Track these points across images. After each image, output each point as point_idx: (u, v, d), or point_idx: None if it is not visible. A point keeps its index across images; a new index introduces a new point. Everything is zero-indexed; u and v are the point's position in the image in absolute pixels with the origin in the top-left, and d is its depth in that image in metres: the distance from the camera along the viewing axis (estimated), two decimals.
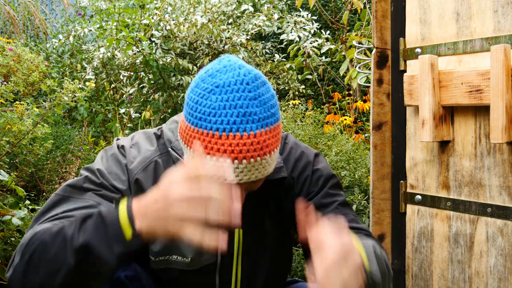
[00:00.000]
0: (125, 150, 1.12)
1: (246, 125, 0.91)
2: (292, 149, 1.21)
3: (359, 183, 2.62)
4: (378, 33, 1.55)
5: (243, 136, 0.91)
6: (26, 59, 2.62)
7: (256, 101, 0.93)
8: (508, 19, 1.28)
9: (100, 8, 3.94)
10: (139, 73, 3.55)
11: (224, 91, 0.93)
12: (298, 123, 3.04)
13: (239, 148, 0.91)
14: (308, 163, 1.20)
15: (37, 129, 2.26)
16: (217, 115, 0.92)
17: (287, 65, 4.06)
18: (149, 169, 1.10)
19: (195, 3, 3.64)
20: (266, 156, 0.95)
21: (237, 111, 0.91)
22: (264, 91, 0.96)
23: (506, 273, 1.31)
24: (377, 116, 1.57)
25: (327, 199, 1.17)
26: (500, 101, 1.23)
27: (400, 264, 1.58)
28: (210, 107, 0.93)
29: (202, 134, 0.93)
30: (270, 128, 0.95)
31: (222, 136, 0.91)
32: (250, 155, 0.92)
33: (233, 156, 0.91)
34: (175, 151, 1.09)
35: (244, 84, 0.93)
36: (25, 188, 2.63)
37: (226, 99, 0.92)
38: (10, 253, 1.99)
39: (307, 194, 1.18)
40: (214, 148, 0.92)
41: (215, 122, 0.92)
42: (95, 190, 1.05)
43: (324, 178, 1.19)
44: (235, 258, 1.15)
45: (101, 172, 1.07)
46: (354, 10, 4.39)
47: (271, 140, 0.95)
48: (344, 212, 1.16)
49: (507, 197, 1.31)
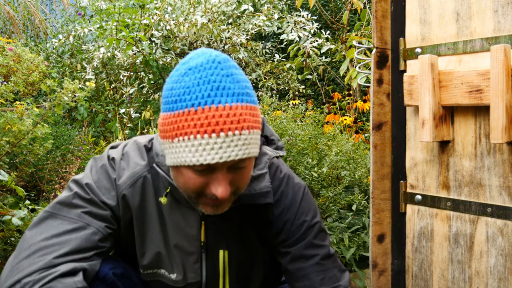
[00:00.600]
0: (115, 163, 1.10)
1: (220, 98, 0.90)
2: (282, 181, 1.15)
3: (359, 183, 2.62)
4: (378, 33, 1.55)
5: (218, 108, 0.90)
6: (26, 59, 2.62)
7: (229, 78, 0.93)
8: (508, 19, 1.28)
9: (100, 8, 3.94)
10: (139, 73, 3.55)
11: (197, 71, 0.92)
12: (298, 123, 3.04)
13: (215, 120, 0.89)
14: (294, 203, 1.14)
15: (37, 129, 2.26)
16: (191, 93, 0.91)
17: (287, 65, 4.06)
18: (137, 185, 1.08)
19: (195, 3, 3.64)
20: (245, 131, 0.92)
21: (211, 86, 0.91)
22: (237, 72, 0.95)
23: (506, 273, 1.31)
24: (377, 116, 1.57)
25: (308, 250, 1.12)
26: (500, 101, 1.23)
27: (400, 264, 1.58)
28: (184, 87, 0.92)
29: (179, 115, 0.92)
30: (247, 105, 0.93)
31: (197, 110, 0.90)
32: (227, 127, 0.90)
33: (210, 130, 0.89)
34: (160, 167, 1.06)
35: (216, 63, 0.93)
36: (25, 188, 2.63)
37: (199, 77, 0.91)
38: (10, 253, 1.99)
39: (287, 236, 1.12)
40: (190, 125, 0.90)
41: (190, 99, 0.91)
42: (83, 207, 1.03)
43: (308, 224, 1.13)
44: (221, 277, 1.14)
45: (90, 187, 1.05)
46: (354, 10, 4.38)
47: (249, 116, 0.93)
48: (324, 268, 1.11)
49: (507, 197, 1.31)
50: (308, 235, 1.13)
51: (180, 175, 0.98)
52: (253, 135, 0.95)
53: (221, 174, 0.94)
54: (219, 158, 0.91)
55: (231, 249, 1.13)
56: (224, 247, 1.13)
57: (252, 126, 0.94)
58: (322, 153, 2.81)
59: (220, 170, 0.94)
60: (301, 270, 1.11)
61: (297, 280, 1.11)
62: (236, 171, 0.97)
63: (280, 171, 1.17)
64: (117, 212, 1.07)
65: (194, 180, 0.96)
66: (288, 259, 1.12)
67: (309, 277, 1.10)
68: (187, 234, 1.11)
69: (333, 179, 2.68)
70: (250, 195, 1.08)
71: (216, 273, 1.13)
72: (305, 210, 1.14)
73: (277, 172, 1.16)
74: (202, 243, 1.11)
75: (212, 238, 1.12)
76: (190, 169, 0.95)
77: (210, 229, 1.11)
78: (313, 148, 2.84)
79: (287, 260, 1.12)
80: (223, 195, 0.94)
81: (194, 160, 0.91)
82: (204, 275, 1.13)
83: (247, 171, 1.00)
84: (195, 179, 0.95)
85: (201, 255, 1.12)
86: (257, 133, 0.97)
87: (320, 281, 1.09)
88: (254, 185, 1.09)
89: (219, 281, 1.14)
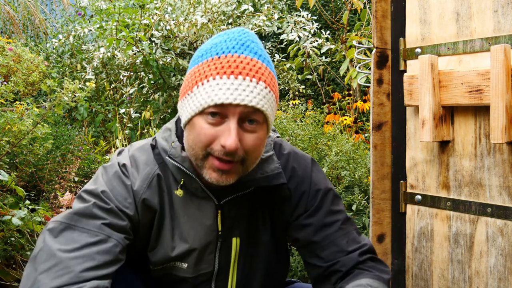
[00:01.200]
0: (127, 169, 1.08)
1: (244, 51, 0.98)
2: (289, 157, 1.18)
3: (359, 183, 2.62)
4: (378, 33, 1.55)
5: (240, 56, 0.97)
6: (26, 59, 2.62)
7: (254, 43, 1.01)
8: (508, 19, 1.28)
9: (100, 8, 3.94)
10: (139, 73, 3.55)
11: (226, 34, 1.02)
12: (298, 123, 3.04)
13: (235, 65, 0.96)
14: (306, 175, 1.17)
15: (37, 129, 2.26)
16: (218, 46, 1.00)
17: (287, 65, 4.06)
18: (153, 184, 1.08)
19: (195, 3, 3.64)
20: (262, 83, 0.97)
21: (237, 42, 0.99)
22: (262, 47, 1.04)
23: (506, 273, 1.31)
24: (377, 116, 1.57)
25: (329, 217, 1.14)
26: (500, 101, 1.23)
27: (400, 264, 1.58)
28: (211, 44, 1.01)
29: (202, 64, 0.99)
30: (266, 67, 1.00)
31: (220, 57, 0.97)
32: (246, 72, 0.96)
33: (229, 71, 0.95)
34: (173, 159, 1.07)
35: (245, 31, 1.02)
36: (25, 188, 2.64)
37: (227, 37, 1.01)
38: (10, 253, 2.00)
39: (305, 208, 1.15)
40: (212, 69, 0.97)
41: (215, 51, 0.99)
42: (103, 219, 1.00)
43: (323, 192, 1.16)
44: (231, 266, 1.14)
45: (107, 195, 1.03)
46: (354, 10, 4.39)
47: (267, 75, 0.99)
48: (346, 231, 1.14)
49: (507, 197, 1.31)
50: (325, 203, 1.15)
51: (193, 129, 0.99)
52: (270, 94, 0.99)
53: (232, 124, 0.95)
54: (233, 99, 0.93)
55: (242, 237, 1.14)
56: (237, 234, 1.13)
57: (270, 85, 0.99)
58: (322, 153, 2.81)
59: (231, 119, 0.95)
60: (327, 238, 1.12)
61: (324, 248, 1.12)
62: (247, 130, 0.98)
63: (284, 148, 1.20)
64: (135, 219, 1.06)
65: (205, 131, 0.97)
66: (312, 230, 1.13)
67: (335, 242, 1.11)
68: (203, 225, 1.10)
69: (333, 179, 2.68)
70: (264, 177, 1.09)
71: (227, 262, 1.14)
72: (318, 180, 1.18)
73: (281, 150, 1.19)
74: (220, 232, 1.11)
75: (227, 226, 1.12)
76: (203, 119, 0.97)
77: (226, 218, 1.12)
78: (313, 148, 2.84)
79: (311, 232, 1.13)
80: (232, 145, 0.94)
81: (209, 100, 0.95)
82: (217, 264, 1.13)
83: (258, 138, 1.00)
84: (206, 129, 0.97)
85: (217, 244, 1.12)
86: (273, 97, 1.00)
87: (346, 244, 1.11)
88: (265, 168, 1.10)
89: (229, 269, 1.14)
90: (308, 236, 1.14)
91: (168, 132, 1.12)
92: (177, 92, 3.51)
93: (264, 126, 1.01)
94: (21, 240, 1.99)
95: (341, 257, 1.10)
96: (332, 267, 1.10)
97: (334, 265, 1.10)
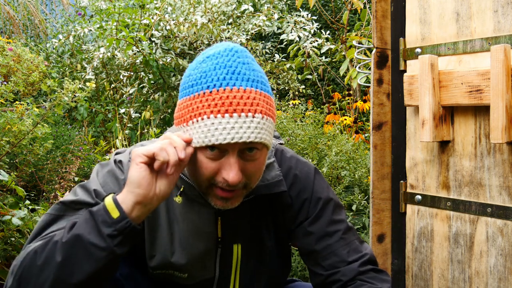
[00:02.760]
0: (122, 165, 1.09)
1: (235, 81, 0.94)
2: (291, 164, 1.18)
3: (359, 183, 2.62)
4: (378, 33, 1.55)
5: (233, 90, 0.93)
6: (26, 59, 2.62)
7: (246, 66, 0.97)
8: (508, 19, 1.28)
9: (100, 8, 3.94)
10: (139, 73, 3.55)
11: (215, 58, 0.97)
12: (298, 123, 3.04)
13: (229, 101, 0.92)
14: (308, 183, 1.16)
15: (37, 129, 2.26)
16: (208, 76, 0.95)
17: (287, 65, 4.06)
18: None
19: (195, 3, 3.64)
20: (258, 115, 0.94)
21: (227, 70, 0.95)
22: (253, 62, 0.99)
23: (506, 273, 1.31)
24: (377, 116, 1.57)
25: (330, 227, 1.13)
26: (500, 101, 1.23)
27: (400, 264, 1.58)
28: (201, 72, 0.97)
29: (194, 98, 0.96)
30: (261, 92, 0.97)
31: (212, 92, 0.94)
32: (240, 108, 0.93)
33: (224, 110, 0.92)
34: None
35: (234, 51, 0.97)
36: (25, 188, 2.64)
37: (216, 63, 0.96)
38: (10, 253, 2.00)
39: (307, 215, 1.14)
40: (205, 106, 0.94)
41: (206, 82, 0.95)
42: (90, 207, 1.01)
43: (324, 201, 1.15)
44: (233, 272, 1.14)
45: (97, 192, 1.04)
46: (354, 10, 4.39)
47: (263, 103, 0.96)
48: (348, 241, 1.13)
49: (507, 197, 1.31)
50: (326, 212, 1.15)
51: (193, 161, 0.99)
52: (267, 122, 0.96)
53: (233, 158, 0.95)
54: (230, 138, 0.92)
55: (243, 243, 1.14)
56: (239, 241, 1.13)
57: (266, 113, 0.96)
58: (322, 153, 2.81)
59: (231, 153, 0.95)
60: (328, 248, 1.12)
61: (325, 258, 1.12)
62: (247, 159, 0.98)
63: (286, 155, 1.19)
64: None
65: (206, 165, 0.96)
66: (313, 239, 1.13)
67: (336, 252, 1.11)
68: (203, 232, 1.10)
69: (333, 179, 2.68)
70: (265, 186, 1.09)
71: (228, 268, 1.13)
72: (319, 188, 1.17)
73: (283, 157, 1.18)
74: (220, 239, 1.12)
75: (228, 233, 1.12)
76: (202, 153, 0.96)
77: (226, 224, 1.12)
78: (313, 148, 2.84)
79: (313, 241, 1.13)
80: (234, 179, 0.94)
81: (206, 141, 0.93)
82: (218, 271, 1.13)
83: (259, 163, 1.00)
84: (207, 163, 0.96)
85: (217, 251, 1.12)
86: (270, 122, 0.98)
87: (347, 254, 1.11)
88: (266, 175, 1.10)
89: (231, 276, 1.14)
90: (309, 245, 1.14)
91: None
92: (177, 92, 3.51)
93: (264, 150, 1.01)
94: (21, 240, 1.99)
95: (341, 267, 1.10)
96: (333, 277, 1.10)
97: (335, 274, 1.10)
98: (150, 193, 0.91)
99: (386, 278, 1.11)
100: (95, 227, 0.88)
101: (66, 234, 0.89)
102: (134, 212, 0.90)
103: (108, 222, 0.88)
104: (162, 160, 0.90)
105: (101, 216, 0.89)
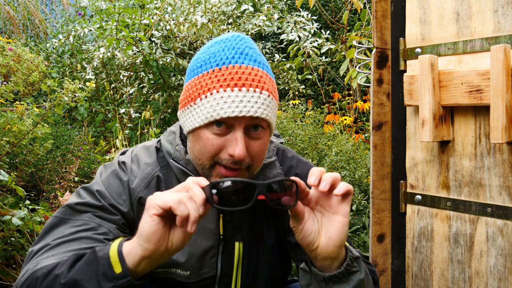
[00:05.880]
0: (126, 166, 1.10)
1: (243, 60, 0.99)
2: (292, 163, 1.20)
3: (359, 183, 2.62)
4: (378, 33, 1.55)
5: (241, 66, 0.98)
6: (26, 59, 2.62)
7: (252, 49, 1.02)
8: (508, 19, 1.28)
9: (100, 8, 3.94)
10: (139, 73, 3.55)
11: (223, 42, 1.02)
12: (298, 123, 3.04)
13: (238, 76, 0.97)
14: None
15: (37, 129, 2.26)
16: (217, 56, 1.00)
17: (287, 65, 4.06)
18: (151, 185, 1.09)
19: (195, 3, 3.63)
20: (265, 92, 0.98)
21: (235, 51, 1.00)
22: (258, 51, 1.04)
23: (506, 273, 1.31)
24: (377, 116, 1.57)
25: None
26: (500, 101, 1.23)
27: (400, 264, 1.58)
28: (209, 54, 1.01)
29: (203, 76, 0.99)
30: (267, 74, 1.01)
31: (221, 69, 0.98)
32: (249, 83, 0.97)
33: (233, 84, 0.96)
34: (177, 161, 1.09)
35: (241, 37, 1.03)
36: (25, 188, 2.64)
37: (225, 46, 1.01)
38: (10, 253, 2.00)
39: None
40: (214, 81, 0.97)
41: (215, 61, 0.99)
42: (94, 212, 1.02)
43: None
44: (234, 270, 1.15)
45: (101, 193, 1.04)
46: (354, 10, 4.39)
47: (269, 82, 1.01)
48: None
49: (507, 197, 1.31)
50: None
51: (198, 140, 1.00)
52: (272, 101, 1.00)
53: (239, 133, 0.96)
54: (239, 111, 0.95)
55: (245, 241, 1.14)
56: (240, 239, 1.14)
57: (272, 93, 1.00)
58: (322, 153, 2.81)
59: (238, 128, 0.96)
60: None
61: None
62: (252, 137, 0.99)
63: (287, 155, 1.21)
64: (130, 216, 1.07)
65: (212, 141, 0.98)
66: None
67: None
68: (205, 229, 1.11)
69: None
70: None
71: (230, 266, 1.14)
72: None
73: (284, 156, 1.20)
74: (221, 236, 1.12)
75: (229, 230, 1.13)
76: (209, 129, 0.98)
77: (228, 222, 1.12)
78: (313, 148, 2.84)
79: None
80: (240, 154, 0.95)
81: (215, 114, 0.95)
82: (219, 268, 1.13)
83: (262, 143, 1.02)
84: (212, 140, 0.98)
85: (219, 248, 1.13)
86: (275, 103, 1.01)
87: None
88: (267, 173, 1.12)
89: (232, 273, 1.14)
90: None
91: (172, 135, 1.14)
92: (177, 92, 3.51)
93: (268, 130, 1.03)
94: (21, 240, 1.99)
95: None
96: None
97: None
98: (160, 248, 0.81)
99: (372, 268, 1.11)
100: (96, 278, 0.82)
101: (66, 273, 0.84)
102: (140, 266, 0.82)
103: (108, 276, 0.81)
104: (181, 215, 0.79)
105: (102, 267, 0.82)
